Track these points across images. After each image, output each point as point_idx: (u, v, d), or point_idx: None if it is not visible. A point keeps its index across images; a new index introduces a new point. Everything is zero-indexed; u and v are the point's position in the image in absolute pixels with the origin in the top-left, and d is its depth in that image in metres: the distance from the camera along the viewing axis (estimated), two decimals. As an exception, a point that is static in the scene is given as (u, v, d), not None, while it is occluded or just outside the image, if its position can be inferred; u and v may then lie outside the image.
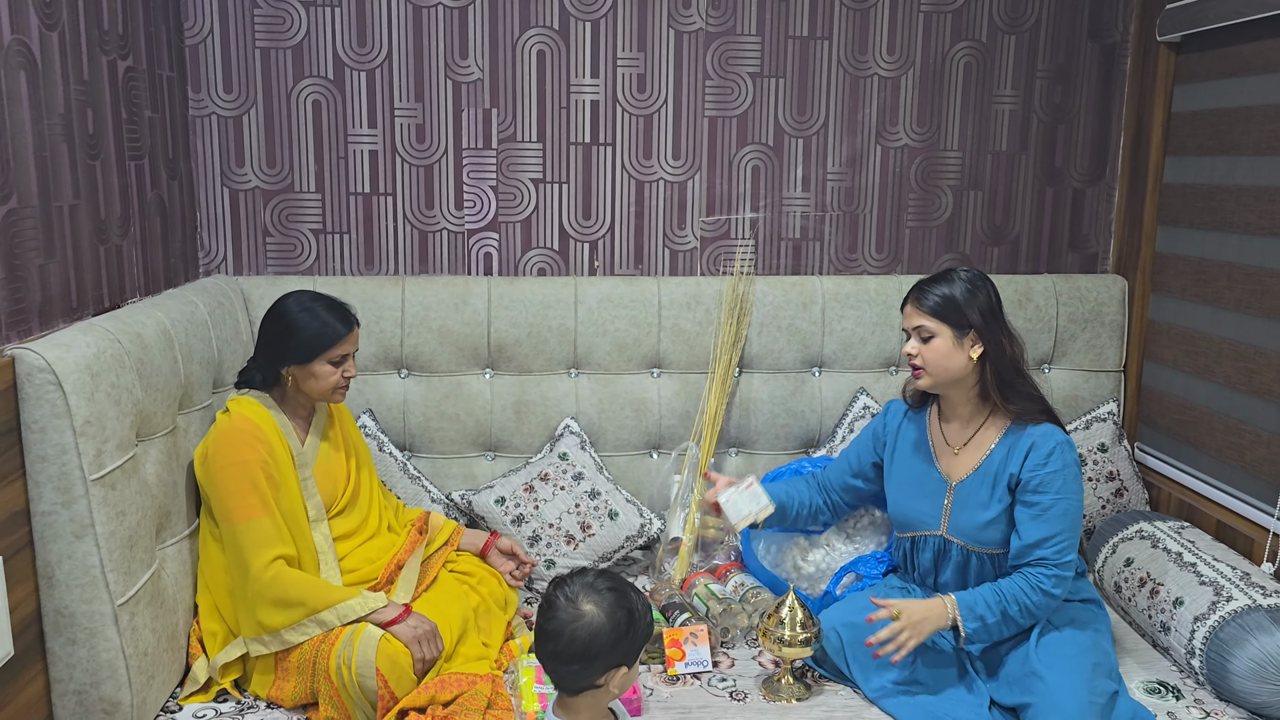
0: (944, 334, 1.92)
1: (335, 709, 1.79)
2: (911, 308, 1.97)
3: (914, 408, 2.12)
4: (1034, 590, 1.85)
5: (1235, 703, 1.90)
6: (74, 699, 1.66)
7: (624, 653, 1.44)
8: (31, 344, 1.58)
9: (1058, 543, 1.86)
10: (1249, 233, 2.25)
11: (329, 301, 2.00)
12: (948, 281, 1.94)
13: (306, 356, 1.95)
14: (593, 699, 1.47)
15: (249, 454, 1.87)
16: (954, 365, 1.93)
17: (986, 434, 1.98)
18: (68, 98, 1.85)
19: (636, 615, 1.45)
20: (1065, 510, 1.87)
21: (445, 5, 2.47)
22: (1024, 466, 1.89)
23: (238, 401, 1.96)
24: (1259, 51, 2.23)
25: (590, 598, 1.44)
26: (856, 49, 2.59)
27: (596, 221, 2.62)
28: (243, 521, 1.85)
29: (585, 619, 1.42)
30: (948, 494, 1.99)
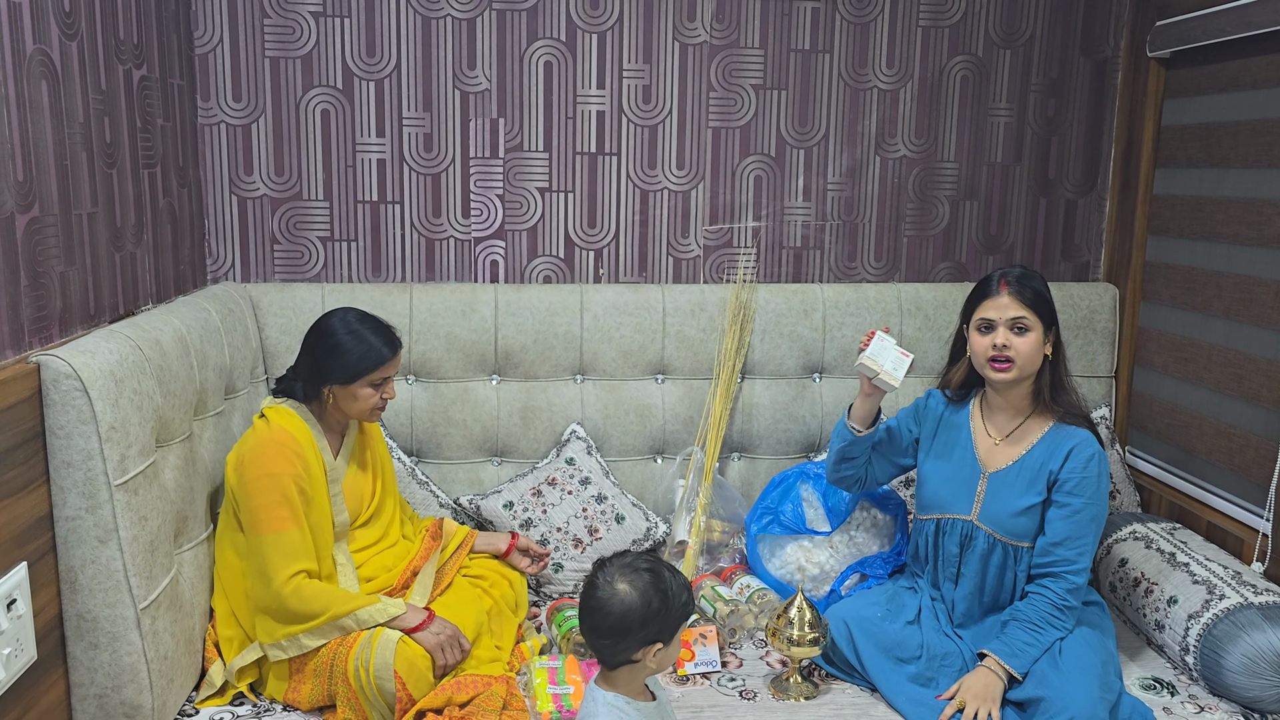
0: (1037, 329, 1.96)
1: (353, 710, 1.82)
2: (1010, 299, 1.96)
3: (956, 401, 2.14)
4: (1056, 609, 1.91)
5: (1228, 697, 1.96)
6: (95, 703, 1.67)
7: (657, 630, 1.50)
8: (57, 350, 1.60)
9: (1079, 545, 1.92)
10: (1237, 242, 2.31)
11: (375, 324, 1.99)
12: (1036, 276, 1.99)
13: (349, 378, 1.94)
14: (630, 673, 1.53)
15: (284, 467, 1.87)
16: (1037, 361, 1.98)
17: (1029, 430, 2.02)
18: (86, 107, 1.87)
19: (670, 595, 1.51)
20: (1094, 516, 1.93)
21: (454, 16, 2.51)
22: (1064, 466, 1.95)
23: (276, 411, 1.96)
24: (1246, 68, 2.30)
25: (626, 577, 1.51)
26: (856, 62, 2.65)
27: (601, 230, 2.66)
28: (271, 533, 1.85)
29: (619, 597, 1.49)
30: (981, 481, 2.04)
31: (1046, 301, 1.98)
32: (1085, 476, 1.93)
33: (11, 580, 1.48)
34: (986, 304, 1.99)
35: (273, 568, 1.84)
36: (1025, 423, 2.03)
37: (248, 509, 1.88)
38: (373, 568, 2.02)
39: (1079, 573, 1.92)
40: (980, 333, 2.00)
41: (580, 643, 2.07)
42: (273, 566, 1.84)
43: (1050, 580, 1.93)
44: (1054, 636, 1.91)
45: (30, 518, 1.55)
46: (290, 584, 1.84)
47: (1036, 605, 1.92)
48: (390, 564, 2.05)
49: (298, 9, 2.46)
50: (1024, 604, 1.95)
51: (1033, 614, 1.92)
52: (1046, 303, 1.98)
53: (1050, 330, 1.99)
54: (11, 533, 1.49)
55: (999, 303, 1.97)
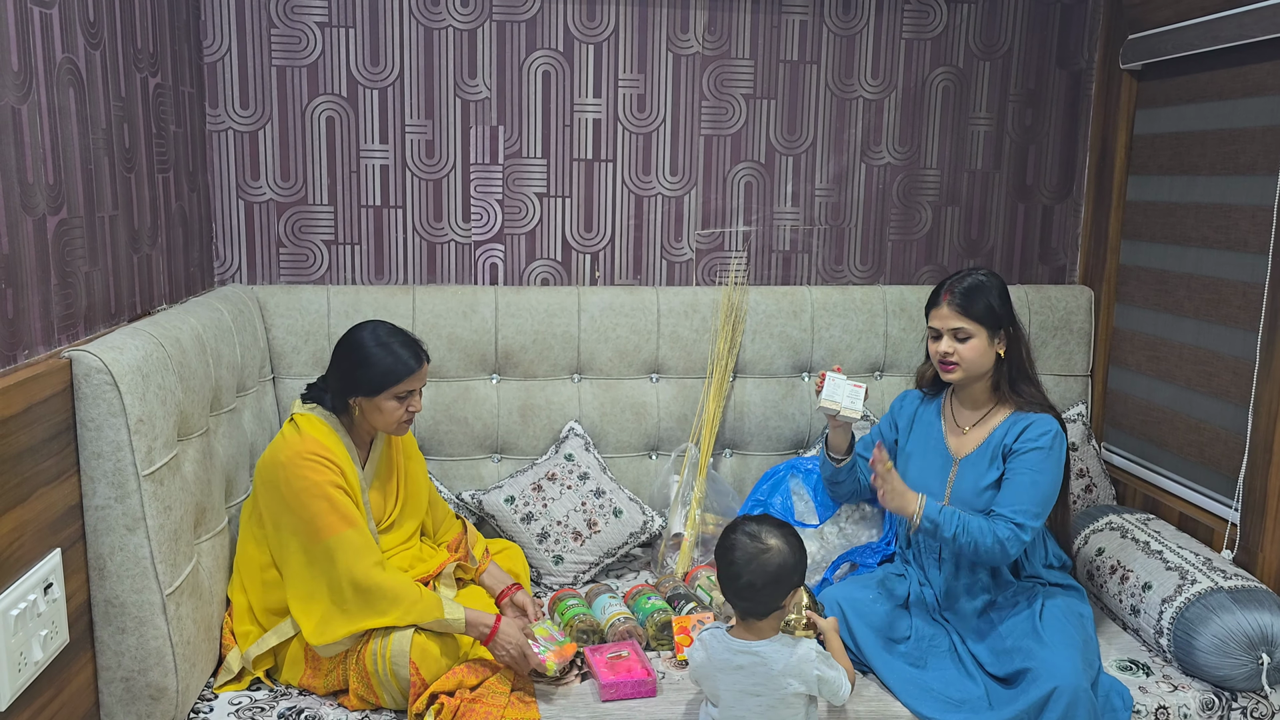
0: (980, 335, 2.09)
1: (367, 692, 1.89)
2: (948, 309, 2.10)
3: (929, 395, 2.29)
4: (991, 535, 2.00)
5: (1200, 676, 2.06)
6: (121, 685, 1.74)
7: (801, 576, 1.75)
8: (87, 346, 1.67)
9: (1018, 508, 2.01)
10: (1206, 246, 2.43)
11: (404, 337, 2.03)
12: (981, 285, 2.10)
13: (374, 390, 1.98)
14: (777, 618, 1.77)
15: (322, 476, 1.91)
16: (986, 362, 2.11)
17: (992, 417, 2.15)
18: (108, 113, 1.94)
19: (803, 544, 1.76)
20: (1034, 483, 2.03)
21: (455, 27, 2.59)
22: (1018, 440, 2.07)
23: (308, 420, 1.99)
24: (1214, 80, 2.42)
25: (772, 533, 1.74)
26: (843, 73, 2.76)
27: (597, 234, 2.74)
28: (334, 534, 1.89)
29: (772, 551, 1.72)
30: (953, 467, 2.16)
31: (990, 309, 2.08)
32: (1036, 446, 2.05)
33: (47, 565, 1.54)
34: (933, 313, 2.14)
35: (353, 564, 1.88)
36: (989, 413, 2.16)
37: (303, 519, 1.91)
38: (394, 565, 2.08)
39: (1022, 529, 2.00)
40: (932, 339, 2.15)
41: (583, 630, 2.15)
42: (353, 563, 1.88)
43: (999, 520, 2.03)
44: (969, 552, 2.01)
45: (63, 506, 1.62)
46: (376, 571, 1.89)
47: (980, 521, 2.02)
48: (406, 565, 2.10)
49: (304, 19, 2.54)
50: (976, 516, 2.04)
51: (973, 521, 2.01)
52: (991, 310, 2.08)
53: (998, 332, 2.10)
54: (46, 520, 1.56)
55: (941, 313, 2.12)
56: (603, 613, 2.20)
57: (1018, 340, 2.14)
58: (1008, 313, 2.12)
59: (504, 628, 1.94)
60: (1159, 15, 2.56)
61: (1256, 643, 1.98)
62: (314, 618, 1.91)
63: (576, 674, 2.05)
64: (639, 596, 2.27)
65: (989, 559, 2.02)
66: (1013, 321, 2.13)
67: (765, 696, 1.71)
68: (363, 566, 1.89)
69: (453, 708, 1.84)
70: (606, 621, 2.17)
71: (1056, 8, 2.81)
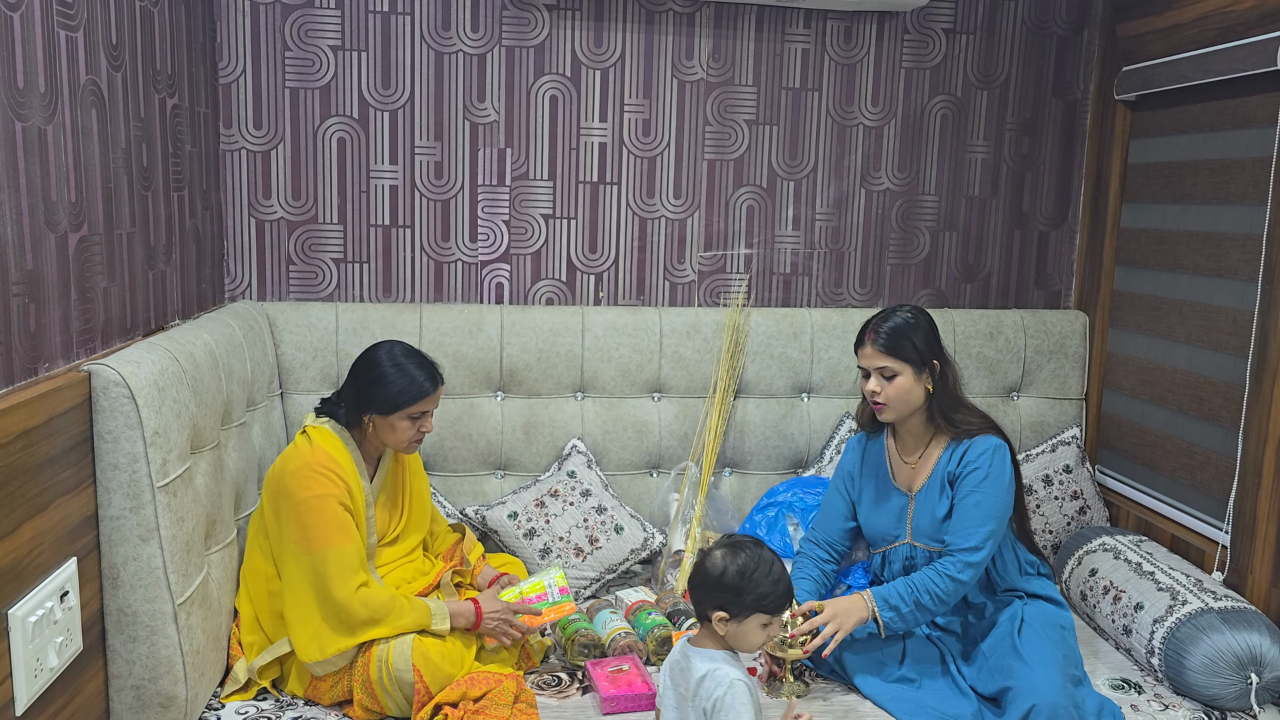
0: (905, 372, 2.11)
1: (371, 702, 1.93)
2: (872, 349, 2.12)
3: (870, 432, 2.30)
4: (942, 578, 2.04)
5: (1191, 696, 2.10)
6: (132, 694, 1.77)
7: (724, 601, 1.69)
8: (105, 360, 1.71)
9: (965, 530, 2.06)
10: (1198, 273, 2.48)
11: (420, 359, 2.07)
12: (903, 322, 2.12)
13: (389, 409, 2.02)
14: (707, 632, 1.74)
15: (331, 489, 1.95)
16: (915, 398, 2.13)
17: (935, 447, 2.19)
18: (128, 133, 1.99)
19: (745, 576, 1.68)
20: (978, 504, 2.07)
21: (465, 52, 2.66)
22: (959, 465, 2.12)
23: (320, 432, 2.03)
24: (1206, 112, 2.48)
25: (723, 547, 1.73)
26: (844, 100, 2.82)
27: (602, 255, 2.80)
28: (328, 548, 1.92)
29: (712, 560, 1.72)
30: (910, 504, 2.19)
31: (914, 346, 2.10)
32: (975, 468, 2.09)
33: (64, 574, 1.58)
34: (860, 353, 2.16)
35: (335, 582, 1.91)
36: (930, 444, 2.20)
37: (300, 528, 1.94)
38: (393, 580, 2.12)
39: (970, 551, 2.05)
40: (862, 378, 2.18)
41: (585, 644, 2.18)
42: (335, 581, 1.91)
43: (947, 558, 2.07)
44: (937, 606, 2.05)
45: (79, 516, 1.65)
46: (358, 595, 1.92)
47: (926, 574, 2.07)
48: (410, 577, 2.14)
49: (318, 42, 2.60)
50: (918, 573, 2.09)
51: (918, 577, 2.07)
52: (914, 348, 2.10)
53: (924, 369, 2.12)
54: (64, 529, 1.60)
55: (865, 353, 2.14)
56: (604, 627, 2.23)
57: (944, 375, 2.14)
58: (932, 348, 2.12)
59: (484, 603, 2.02)
60: (1152, 48, 2.62)
61: (1246, 663, 2.01)
62: (306, 633, 1.94)
63: (578, 686, 2.09)
64: (639, 612, 2.30)
65: (955, 597, 2.07)
66: (938, 355, 2.13)
67: (686, 701, 1.72)
68: (347, 587, 1.92)
69: (456, 718, 1.87)
70: (607, 636, 2.20)
71: (1053, 39, 2.88)
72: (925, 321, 2.14)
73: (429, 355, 2.14)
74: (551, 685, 2.11)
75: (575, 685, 2.11)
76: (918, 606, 2.05)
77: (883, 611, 2.05)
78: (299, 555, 1.96)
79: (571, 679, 2.13)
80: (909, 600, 2.05)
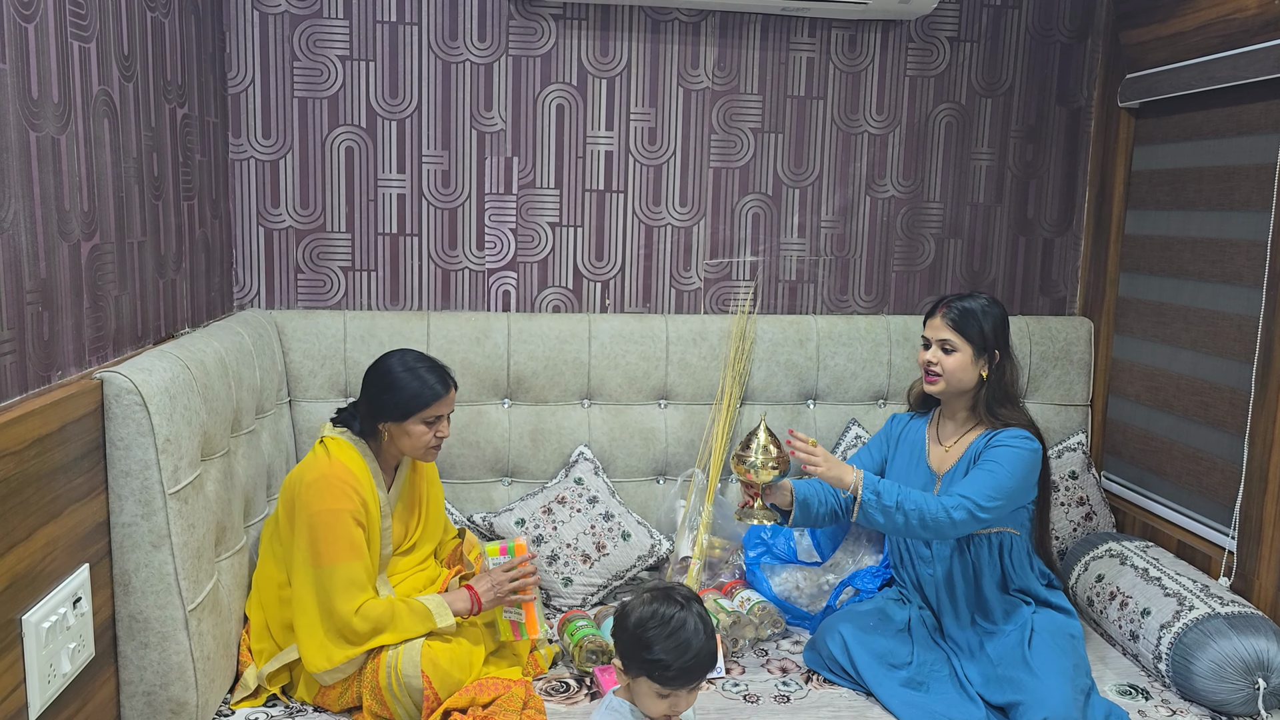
0: (965, 351, 2.16)
1: (380, 709, 1.93)
2: (941, 321, 2.19)
3: (917, 411, 2.36)
4: (938, 506, 2.05)
5: (1198, 701, 2.10)
6: (143, 700, 1.78)
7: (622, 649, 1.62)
8: (118, 367, 1.73)
9: (976, 489, 2.06)
10: (1203, 279, 2.49)
11: (431, 363, 2.09)
12: (977, 306, 2.19)
13: (403, 415, 2.03)
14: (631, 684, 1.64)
15: (345, 503, 1.96)
16: (967, 379, 2.18)
17: (972, 434, 2.23)
18: (139, 143, 2.01)
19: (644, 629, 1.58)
20: (991, 472, 2.09)
21: (472, 61, 2.67)
22: (987, 445, 2.15)
23: (338, 443, 2.04)
24: (1209, 119, 2.49)
25: (648, 591, 1.65)
26: (849, 108, 2.83)
27: (608, 262, 2.81)
28: (336, 564, 1.93)
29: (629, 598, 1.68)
30: (936, 483, 2.22)
31: (981, 330, 2.17)
32: (1004, 446, 2.12)
33: (76, 580, 1.59)
34: (928, 323, 2.24)
35: (339, 599, 1.92)
36: (968, 432, 2.24)
37: (310, 541, 1.95)
38: (405, 589, 2.13)
39: (975, 504, 2.04)
40: (922, 348, 2.24)
41: (592, 650, 2.19)
42: (339, 598, 1.92)
43: (948, 496, 2.08)
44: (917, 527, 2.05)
45: (91, 523, 1.66)
46: (358, 613, 1.93)
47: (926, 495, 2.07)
48: (421, 585, 2.15)
49: (326, 52, 2.62)
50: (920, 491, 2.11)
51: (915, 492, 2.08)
52: (981, 331, 2.17)
53: (984, 354, 2.17)
54: (76, 536, 1.61)
55: (934, 324, 2.22)
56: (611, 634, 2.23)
57: (1003, 367, 2.20)
58: (998, 338, 2.19)
59: (477, 584, 2.06)
60: (1156, 56, 2.63)
61: (1253, 668, 2.01)
62: (313, 644, 1.95)
63: (586, 692, 2.09)
64: (647, 618, 2.30)
65: (935, 528, 2.05)
66: (1001, 348, 2.19)
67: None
68: (350, 604, 1.93)
69: (465, 725, 1.88)
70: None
71: (1056, 47, 2.89)
72: (999, 313, 2.20)
73: (441, 360, 2.15)
74: (560, 691, 2.11)
75: (583, 691, 2.11)
76: (898, 508, 2.04)
77: (866, 491, 2.06)
78: (307, 567, 1.97)
79: (579, 685, 2.14)
80: (893, 497, 2.05)
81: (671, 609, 1.59)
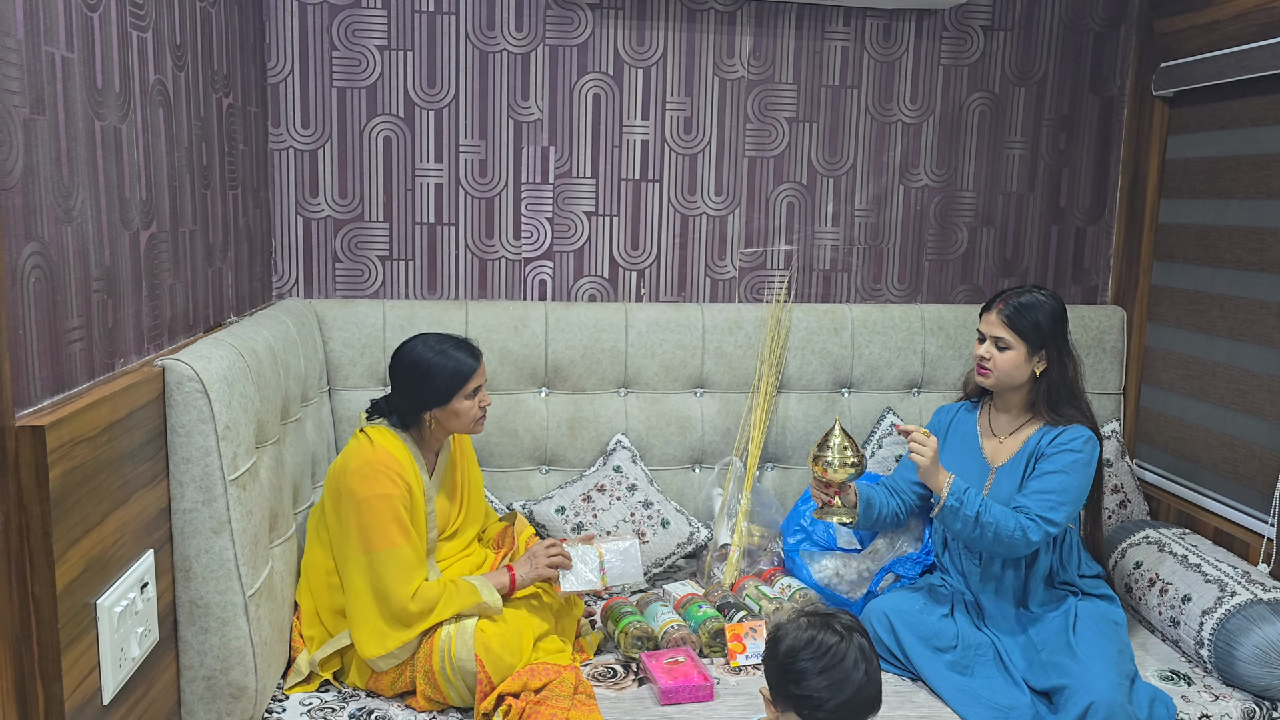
0: (1019, 348, 2.17)
1: (434, 693, 1.95)
2: (996, 317, 2.20)
3: (971, 399, 2.38)
4: (1016, 524, 2.07)
5: (1241, 687, 2.11)
6: (203, 684, 1.79)
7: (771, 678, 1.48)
8: (178, 355, 1.74)
9: (1041, 501, 2.08)
10: (1241, 268, 2.50)
11: (455, 340, 2.10)
12: (1033, 302, 2.18)
13: (446, 397, 2.05)
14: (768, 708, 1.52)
15: (391, 488, 1.98)
16: (1019, 376, 2.19)
17: (1028, 428, 2.24)
18: (190, 132, 2.02)
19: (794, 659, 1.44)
20: (1061, 481, 2.10)
21: (509, 51, 2.68)
22: (1050, 444, 2.16)
23: (379, 432, 2.06)
24: (1247, 107, 2.50)
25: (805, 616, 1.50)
26: (882, 98, 2.84)
27: (644, 251, 2.82)
28: (384, 549, 1.95)
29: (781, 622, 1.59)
30: (989, 476, 2.23)
31: (1036, 326, 2.16)
32: (1067, 449, 2.13)
33: (143, 565, 1.60)
34: (984, 318, 2.25)
35: (392, 584, 1.94)
36: (1024, 425, 2.25)
37: (360, 528, 1.97)
38: (451, 574, 2.14)
39: (1048, 522, 2.07)
40: (977, 341, 2.25)
41: (638, 637, 2.20)
42: (392, 583, 1.94)
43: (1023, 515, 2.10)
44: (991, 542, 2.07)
45: (155, 509, 1.68)
46: (415, 596, 1.95)
47: (1005, 510, 2.09)
48: (468, 571, 2.16)
49: (364, 42, 2.62)
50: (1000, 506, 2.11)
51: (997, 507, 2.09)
52: (1035, 327, 2.16)
53: (1039, 351, 2.18)
54: (142, 522, 1.62)
55: (989, 319, 2.22)
56: (656, 620, 2.25)
57: (1061, 363, 2.20)
58: (1054, 335, 2.18)
59: (517, 566, 2.10)
60: (1190, 44, 2.64)
61: (1298, 653, 2.03)
62: (366, 628, 1.97)
63: (633, 678, 2.11)
64: (689, 605, 2.32)
65: (1009, 545, 2.07)
66: (1057, 345, 2.19)
67: None
68: (405, 589, 1.95)
69: (519, 709, 1.90)
70: (660, 629, 2.22)
71: (1090, 36, 2.89)
72: (1056, 308, 2.20)
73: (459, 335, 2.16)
74: (607, 677, 2.13)
75: (630, 677, 2.13)
76: (977, 522, 2.07)
77: (951, 496, 2.08)
78: (357, 554, 1.98)
79: (626, 671, 2.16)
80: (974, 507, 2.07)
81: (830, 638, 1.43)
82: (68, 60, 1.47)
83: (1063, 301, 2.23)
